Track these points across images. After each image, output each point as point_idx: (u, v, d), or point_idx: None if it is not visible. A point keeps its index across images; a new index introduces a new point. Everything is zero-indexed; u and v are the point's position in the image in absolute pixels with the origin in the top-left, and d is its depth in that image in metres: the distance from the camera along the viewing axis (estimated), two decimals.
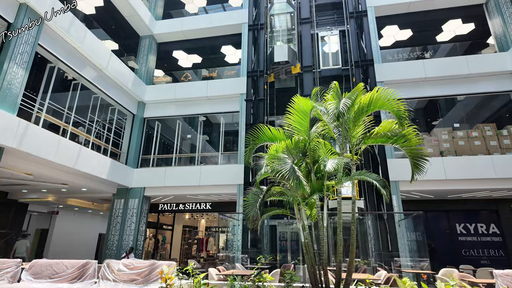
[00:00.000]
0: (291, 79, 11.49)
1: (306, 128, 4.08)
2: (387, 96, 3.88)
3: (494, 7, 10.75)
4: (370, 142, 4.07)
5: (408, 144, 3.91)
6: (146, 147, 12.62)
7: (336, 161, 3.53)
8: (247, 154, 4.78)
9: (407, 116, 3.96)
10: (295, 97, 4.10)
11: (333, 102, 3.74)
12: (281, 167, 3.47)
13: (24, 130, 7.11)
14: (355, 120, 3.91)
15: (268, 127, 4.48)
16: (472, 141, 10.39)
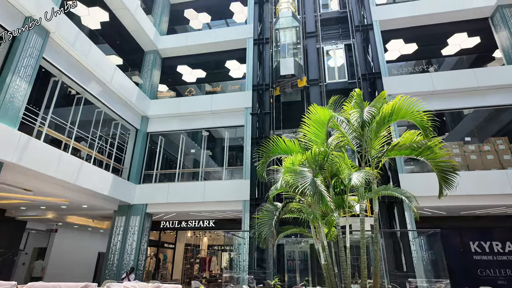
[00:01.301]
0: (296, 92, 11.34)
1: (323, 139, 3.83)
2: (409, 105, 3.66)
3: (500, 20, 10.71)
4: (393, 155, 3.81)
5: (433, 156, 3.64)
6: (149, 162, 12.35)
7: (362, 175, 3.25)
8: (260, 167, 4.50)
9: (430, 126, 3.72)
10: (312, 106, 3.86)
11: (356, 110, 3.50)
12: (300, 181, 3.19)
13: (25, 145, 6.87)
14: (376, 131, 3.66)
15: (282, 138, 4.23)
16: (484, 155, 10.09)
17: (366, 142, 3.77)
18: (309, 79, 10.67)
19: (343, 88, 10.83)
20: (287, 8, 12.01)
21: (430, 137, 3.62)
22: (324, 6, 12.61)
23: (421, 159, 3.76)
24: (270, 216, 3.88)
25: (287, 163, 3.93)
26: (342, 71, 11.38)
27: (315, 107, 3.91)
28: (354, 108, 3.67)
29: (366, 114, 3.31)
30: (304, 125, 4.06)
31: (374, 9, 11.65)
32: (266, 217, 3.91)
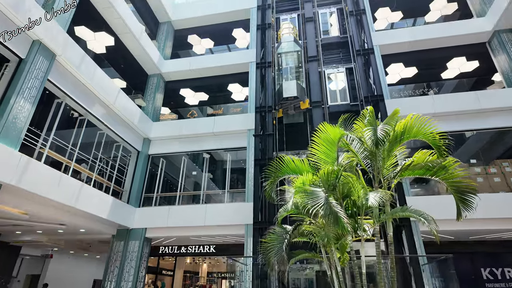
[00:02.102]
0: (299, 114, 11.36)
1: (334, 158, 3.72)
2: (421, 124, 3.58)
3: (498, 45, 10.94)
4: (406, 175, 3.69)
5: (449, 176, 3.51)
6: (149, 185, 12.14)
7: (379, 195, 3.11)
8: (268, 187, 4.34)
9: (443, 144, 3.62)
10: (321, 124, 3.78)
11: (370, 128, 3.42)
12: (313, 202, 3.04)
13: (25, 166, 6.74)
14: (389, 150, 3.56)
15: (291, 158, 4.11)
16: (491, 177, 9.94)
17: (379, 162, 3.66)
18: (311, 101, 10.73)
19: (345, 110, 10.83)
20: (289, 34, 12.30)
21: (444, 157, 3.52)
22: (324, 32, 12.92)
23: (436, 179, 3.63)
24: (279, 239, 3.68)
25: (298, 183, 3.79)
26: (344, 94, 11.47)
27: (325, 126, 3.83)
28: (366, 127, 3.61)
29: (380, 132, 3.23)
30: (313, 144, 3.96)
31: (374, 34, 11.94)
32: (276, 240, 3.70)
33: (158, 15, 14.86)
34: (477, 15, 12.07)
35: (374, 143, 3.25)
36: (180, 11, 15.38)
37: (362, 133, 3.53)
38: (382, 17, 13.67)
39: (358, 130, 3.72)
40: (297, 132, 11.03)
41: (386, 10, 13.43)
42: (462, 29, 11.54)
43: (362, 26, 11.71)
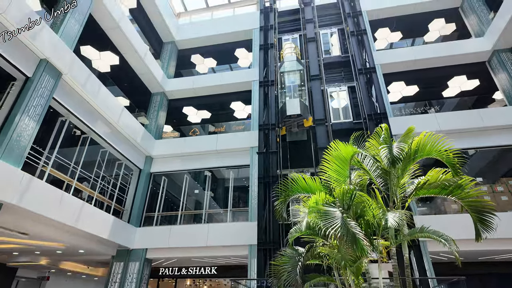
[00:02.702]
0: (302, 132, 11.35)
1: (346, 177, 3.65)
2: (434, 142, 3.53)
3: (498, 64, 11.08)
4: (422, 194, 3.60)
5: (465, 195, 3.42)
6: (150, 204, 11.94)
7: (398, 215, 3.01)
8: (279, 207, 4.22)
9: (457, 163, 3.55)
10: (333, 142, 3.73)
11: (386, 146, 3.36)
12: (328, 222, 2.94)
13: (27, 185, 6.62)
14: (403, 169, 3.49)
15: (302, 176, 4.03)
16: (498, 196, 9.81)
17: (393, 180, 3.58)
18: (315, 119, 10.73)
19: (348, 128, 10.86)
20: (291, 53, 12.52)
21: (459, 175, 3.45)
22: (326, 52, 13.14)
23: (453, 198, 3.54)
24: (292, 262, 3.53)
25: (311, 202, 3.69)
26: (347, 112, 11.51)
27: (337, 143, 3.78)
28: (381, 144, 3.55)
29: (396, 150, 3.17)
30: (324, 162, 3.89)
31: (375, 53, 12.13)
32: (287, 263, 3.56)
33: (162, 35, 15.15)
34: (476, 35, 12.31)
35: (391, 162, 3.19)
36: (184, 32, 15.70)
37: (377, 151, 3.47)
38: (382, 37, 13.95)
39: (371, 148, 3.66)
40: (301, 150, 10.98)
41: (386, 31, 13.72)
42: (462, 49, 11.74)
43: (363, 46, 11.91)
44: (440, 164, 4.77)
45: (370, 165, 3.60)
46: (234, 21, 15.43)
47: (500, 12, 10.66)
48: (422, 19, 13.60)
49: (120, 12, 11.12)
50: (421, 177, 3.96)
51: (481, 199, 3.47)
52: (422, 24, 13.64)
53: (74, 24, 8.83)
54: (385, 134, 3.77)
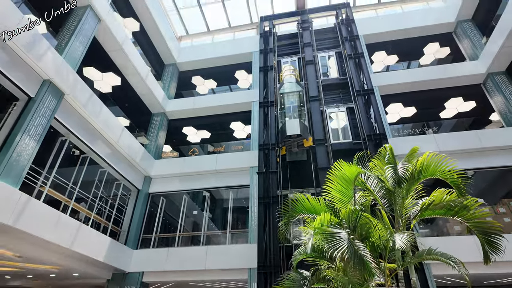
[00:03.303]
0: (302, 152, 11.36)
1: (350, 197, 3.62)
2: (437, 162, 3.54)
3: (493, 86, 11.32)
4: (427, 215, 3.56)
5: (471, 216, 3.39)
6: (148, 225, 11.71)
7: (406, 237, 2.95)
8: (283, 228, 4.14)
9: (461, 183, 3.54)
10: (337, 162, 3.73)
11: (391, 166, 3.36)
12: (334, 244, 2.87)
13: (24, 206, 6.50)
14: (408, 189, 3.47)
15: (306, 196, 3.99)
16: (500, 217, 9.71)
17: (398, 201, 3.55)
18: (314, 139, 10.78)
19: (348, 149, 10.90)
20: (290, 75, 12.77)
21: (464, 196, 3.43)
22: (324, 74, 13.41)
23: (458, 219, 3.50)
24: (296, 286, 3.43)
25: (316, 223, 3.63)
26: (346, 132, 11.59)
27: (341, 163, 3.77)
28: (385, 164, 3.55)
29: (401, 170, 3.17)
30: (327, 182, 3.86)
31: (372, 75, 12.39)
32: (292, 287, 3.44)
33: (164, 57, 15.47)
34: (470, 58, 12.65)
35: (396, 182, 3.18)
36: (185, 54, 16.05)
37: (381, 171, 3.46)
38: (378, 60, 14.31)
39: (374, 169, 3.66)
40: (301, 170, 10.95)
41: (382, 54, 14.09)
42: (457, 71, 12.02)
43: (361, 68, 12.17)
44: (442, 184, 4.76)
45: (374, 185, 3.58)
46: (234, 44, 15.83)
47: (493, 37, 11.02)
48: (417, 43, 14.01)
49: (123, 35, 11.39)
50: (425, 197, 3.93)
51: (488, 221, 3.43)
52: (417, 48, 14.05)
53: (78, 46, 9.02)
54: (389, 155, 3.78)
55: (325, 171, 4.22)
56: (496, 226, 3.38)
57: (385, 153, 3.82)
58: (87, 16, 9.51)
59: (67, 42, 8.71)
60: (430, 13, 14.27)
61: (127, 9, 13.10)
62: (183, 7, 16.13)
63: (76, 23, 9.18)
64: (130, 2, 13.12)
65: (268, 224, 9.31)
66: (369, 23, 14.63)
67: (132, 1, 13.11)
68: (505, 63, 11.04)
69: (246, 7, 16.08)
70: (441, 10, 14.32)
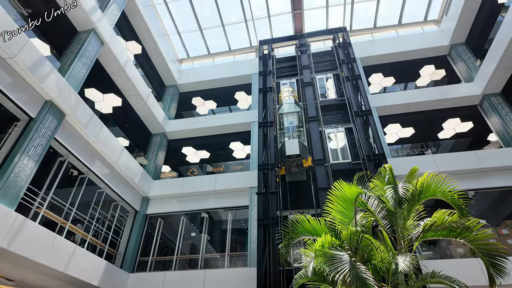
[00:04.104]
0: (302, 172, 11.31)
1: (351, 218, 3.57)
2: (437, 183, 3.52)
3: (489, 107, 11.46)
4: (429, 236, 3.50)
5: (474, 238, 3.33)
6: (144, 247, 11.45)
7: (409, 259, 2.89)
8: (283, 250, 4.05)
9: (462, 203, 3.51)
10: (337, 182, 3.71)
11: (391, 186, 3.34)
12: (336, 267, 2.81)
13: (19, 228, 6.37)
14: (409, 210, 3.43)
15: (306, 217, 3.93)
16: (504, 239, 9.55)
17: (400, 222, 3.50)
18: (314, 159, 10.78)
19: (348, 169, 10.87)
20: (289, 96, 12.97)
21: (466, 216, 3.39)
22: (322, 96, 13.62)
23: (461, 240, 3.44)
24: None
25: (317, 245, 3.55)
26: (345, 152, 11.61)
27: (341, 183, 3.75)
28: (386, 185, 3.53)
29: (402, 191, 3.15)
30: (328, 202, 3.82)
31: (370, 97, 12.58)
32: None
33: (165, 79, 15.75)
34: (465, 80, 12.90)
35: (397, 202, 3.15)
36: (186, 76, 16.36)
37: (381, 191, 3.44)
38: (375, 82, 14.58)
39: (375, 189, 3.63)
40: (301, 190, 10.86)
41: (379, 76, 14.38)
42: (453, 93, 12.23)
43: (359, 89, 12.38)
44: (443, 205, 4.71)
45: (375, 206, 3.54)
46: (234, 66, 16.18)
47: (486, 60, 11.30)
48: (413, 65, 14.34)
49: (126, 57, 11.65)
50: (427, 218, 3.88)
51: (492, 242, 3.37)
52: (414, 70, 14.35)
53: (81, 68, 9.19)
54: (389, 175, 3.77)
55: (325, 192, 4.19)
56: (500, 248, 3.31)
57: (385, 173, 3.81)
58: (91, 40, 9.76)
59: (70, 64, 8.88)
60: (425, 37, 14.72)
61: (129, 33, 13.48)
62: (184, 31, 16.60)
63: (80, 46, 9.41)
64: (133, 26, 13.52)
65: (268, 246, 9.12)
66: (365, 46, 15.03)
67: (134, 25, 13.51)
68: (500, 84, 11.25)
69: (245, 31, 16.56)
70: (435, 34, 14.77)
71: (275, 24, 16.56)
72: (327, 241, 3.48)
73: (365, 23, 16.51)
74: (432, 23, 15.67)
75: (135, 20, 13.37)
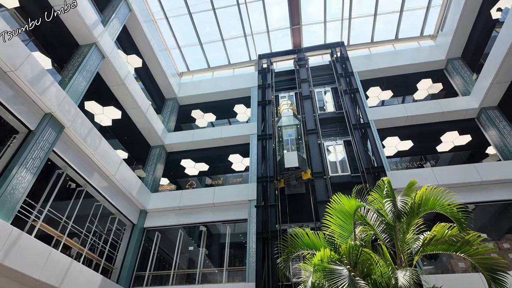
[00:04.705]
0: (301, 185, 11.25)
1: (350, 231, 3.54)
2: (436, 196, 3.51)
3: (487, 120, 11.54)
4: (429, 250, 3.46)
5: (474, 252, 3.29)
6: (141, 262, 11.26)
7: (409, 274, 2.85)
8: (281, 266, 3.99)
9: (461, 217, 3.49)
10: (336, 195, 3.69)
11: (390, 200, 3.32)
12: (335, 282, 2.76)
13: (14, 241, 6.28)
14: (408, 223, 3.41)
15: (305, 231, 3.90)
16: (505, 253, 9.43)
17: (399, 236, 3.47)
18: (313, 172, 10.76)
19: (347, 182, 10.83)
20: (288, 109, 13.05)
21: (465, 230, 3.36)
22: (320, 108, 13.72)
23: (461, 255, 3.40)
24: None
25: (316, 260, 3.50)
26: (344, 165, 11.59)
27: (340, 196, 3.74)
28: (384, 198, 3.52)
29: (400, 204, 3.13)
30: (327, 216, 3.80)
31: (368, 110, 12.67)
32: None
33: (165, 92, 15.88)
34: (462, 94, 13.04)
35: (396, 216, 3.13)
36: (186, 89, 16.51)
37: (380, 205, 3.42)
38: (373, 95, 14.71)
39: (373, 202, 3.61)
40: (300, 203, 10.78)
41: (377, 89, 14.53)
42: (450, 106, 12.33)
43: (357, 103, 12.49)
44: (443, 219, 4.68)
45: (374, 219, 3.52)
46: (233, 80, 16.36)
47: (482, 74, 11.45)
48: (410, 79, 14.52)
49: (126, 70, 11.78)
50: (426, 232, 3.85)
51: (493, 257, 3.33)
52: (411, 84, 14.52)
53: (81, 81, 9.28)
54: (387, 188, 3.76)
55: (325, 205, 4.17)
56: (501, 262, 3.27)
57: (384, 186, 3.80)
58: (92, 53, 9.89)
59: (71, 77, 8.97)
60: (421, 51, 14.97)
61: (130, 46, 13.68)
62: (185, 45, 16.86)
63: (81, 59, 9.53)
64: (134, 40, 13.73)
65: (267, 260, 8.99)
66: (363, 60, 15.26)
67: (135, 39, 13.72)
68: (497, 98, 11.37)
69: (245, 45, 16.82)
70: (432, 48, 15.02)
71: (274, 39, 16.86)
72: (326, 255, 3.43)
73: (362, 38, 16.82)
74: (428, 38, 15.96)
75: (136, 35, 13.59)
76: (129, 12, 12.58)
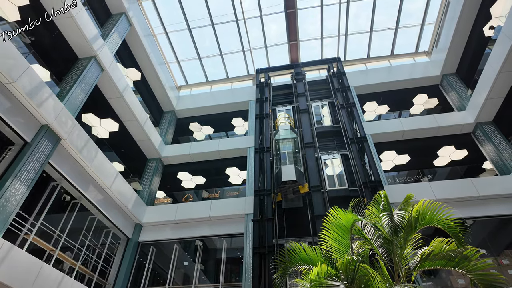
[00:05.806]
0: (298, 199, 11.18)
1: (347, 246, 3.48)
2: (433, 210, 3.49)
3: (483, 135, 11.63)
4: (427, 266, 3.40)
5: (473, 268, 3.25)
6: (135, 277, 11.00)
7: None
8: (278, 281, 3.91)
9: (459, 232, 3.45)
10: (333, 209, 3.66)
11: (386, 214, 3.30)
12: None
13: (5, 255, 6.14)
14: (405, 238, 3.37)
15: (302, 246, 3.84)
16: (504, 269, 9.32)
17: (397, 250, 3.42)
18: (310, 185, 10.71)
19: (345, 196, 10.77)
20: (285, 123, 13.11)
21: (463, 245, 3.32)
22: (317, 122, 13.80)
23: (460, 270, 3.35)
24: None
25: (313, 275, 3.44)
26: (341, 179, 11.56)
27: (337, 210, 3.70)
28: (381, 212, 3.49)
29: (397, 218, 3.11)
30: (324, 230, 3.75)
31: (365, 124, 12.75)
32: None
33: (163, 105, 15.95)
34: (457, 109, 13.19)
35: (393, 230, 3.10)
36: (184, 102, 16.60)
37: (377, 219, 3.39)
38: (370, 110, 14.86)
39: (370, 216, 3.58)
40: (297, 217, 10.66)
41: (374, 104, 14.69)
42: (446, 121, 12.45)
43: (353, 117, 12.58)
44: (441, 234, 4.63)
45: (371, 234, 3.48)
46: (231, 93, 16.49)
47: (477, 90, 11.62)
48: (406, 94, 14.70)
49: (124, 83, 11.85)
50: (424, 247, 3.80)
51: (492, 273, 3.28)
52: (407, 99, 14.69)
53: (79, 93, 9.31)
54: (384, 201, 3.73)
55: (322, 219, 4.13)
56: (500, 279, 3.23)
57: (380, 200, 3.78)
58: (91, 66, 9.97)
59: (69, 90, 9.00)
60: (417, 67, 15.23)
61: (130, 60, 13.82)
62: (184, 59, 17.06)
63: (80, 72, 9.60)
64: (133, 54, 13.88)
65: (264, 276, 8.81)
66: (359, 75, 15.48)
67: (135, 53, 13.88)
68: (492, 113, 11.49)
69: (243, 60, 17.04)
70: (427, 64, 15.30)
71: (272, 54, 17.12)
72: (322, 270, 3.37)
73: (359, 54, 17.13)
74: (423, 54, 16.26)
75: (136, 48, 13.75)
76: (129, 27, 12.77)
